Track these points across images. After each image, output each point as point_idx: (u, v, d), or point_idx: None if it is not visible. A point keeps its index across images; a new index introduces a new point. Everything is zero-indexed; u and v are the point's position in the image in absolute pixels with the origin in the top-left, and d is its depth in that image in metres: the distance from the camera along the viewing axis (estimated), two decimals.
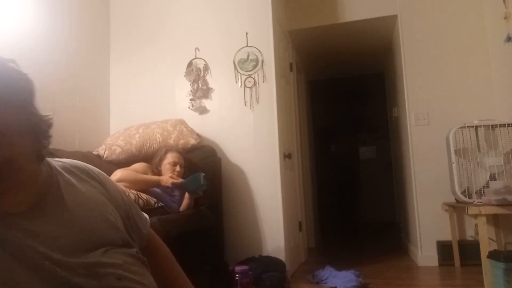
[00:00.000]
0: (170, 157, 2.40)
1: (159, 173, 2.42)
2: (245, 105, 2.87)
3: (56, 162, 0.89)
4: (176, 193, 2.31)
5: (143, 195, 2.12)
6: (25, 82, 0.83)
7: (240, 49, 2.92)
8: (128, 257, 0.84)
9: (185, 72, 3.02)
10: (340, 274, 2.62)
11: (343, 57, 4.58)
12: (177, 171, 2.37)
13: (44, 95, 2.70)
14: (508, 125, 2.67)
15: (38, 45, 2.50)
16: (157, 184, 2.25)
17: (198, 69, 3.00)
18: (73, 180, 0.88)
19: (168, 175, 2.29)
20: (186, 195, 2.31)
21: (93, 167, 0.98)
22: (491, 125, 2.67)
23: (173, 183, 2.24)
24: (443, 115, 3.19)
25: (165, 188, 2.27)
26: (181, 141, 2.68)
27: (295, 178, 3.51)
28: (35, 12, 2.50)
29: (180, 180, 2.27)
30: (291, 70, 3.61)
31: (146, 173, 2.36)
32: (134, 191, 2.10)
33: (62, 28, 2.72)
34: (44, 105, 2.34)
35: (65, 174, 0.87)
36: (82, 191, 0.87)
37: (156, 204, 2.17)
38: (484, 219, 2.27)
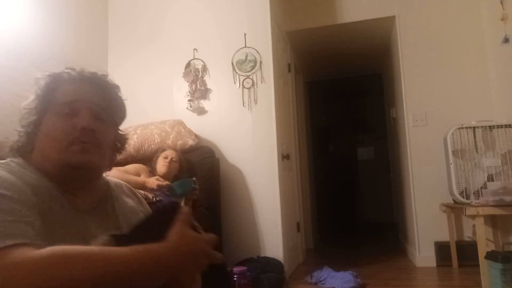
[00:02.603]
0: (163, 153, 2.48)
1: (154, 172, 2.44)
2: (244, 106, 2.87)
3: (106, 177, 1.05)
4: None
5: (141, 191, 2.14)
6: (125, 108, 1.00)
7: (238, 50, 2.92)
8: None
9: (183, 73, 3.01)
10: (338, 274, 2.62)
11: (341, 58, 4.58)
12: (167, 162, 2.41)
13: None
14: (506, 126, 2.68)
15: (36, 45, 2.49)
16: (142, 186, 2.24)
17: (197, 70, 3.00)
18: (120, 193, 1.03)
19: (155, 177, 2.30)
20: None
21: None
22: (489, 126, 2.68)
23: (158, 185, 2.23)
24: (441, 116, 3.19)
25: (161, 188, 2.27)
26: (179, 142, 2.68)
27: (293, 179, 3.51)
28: (32, 12, 2.49)
29: (166, 183, 2.27)
30: (289, 71, 3.61)
31: (138, 174, 2.38)
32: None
33: (59, 28, 2.71)
34: None
35: (115, 187, 1.03)
36: (128, 204, 1.02)
37: (154, 198, 2.18)
38: (481, 219, 2.27)
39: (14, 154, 0.89)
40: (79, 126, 0.86)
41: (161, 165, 2.42)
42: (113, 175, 2.21)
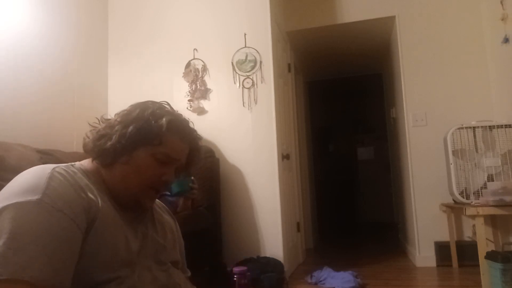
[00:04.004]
0: None
1: None
2: (244, 105, 2.87)
3: None
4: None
5: None
6: (199, 163, 1.09)
7: (238, 50, 2.92)
8: (185, 279, 1.06)
9: (183, 73, 3.01)
10: (338, 274, 2.62)
11: (341, 58, 4.58)
12: None
13: (41, 96, 2.69)
14: (506, 126, 2.68)
15: (36, 45, 2.49)
16: None
17: (197, 70, 3.00)
18: (161, 211, 1.10)
19: None
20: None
21: None
22: (489, 126, 2.68)
23: None
24: (441, 116, 3.19)
25: None
26: None
27: (293, 179, 3.51)
28: (32, 12, 2.49)
29: None
30: (289, 71, 3.61)
31: None
32: None
33: (59, 29, 2.71)
34: (41, 105, 2.39)
35: (157, 205, 1.10)
36: (166, 221, 1.08)
37: None
38: (481, 219, 2.27)
39: (91, 157, 0.94)
40: (163, 178, 0.94)
41: None
42: None
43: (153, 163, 0.92)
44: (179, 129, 0.97)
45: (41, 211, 0.74)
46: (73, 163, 0.92)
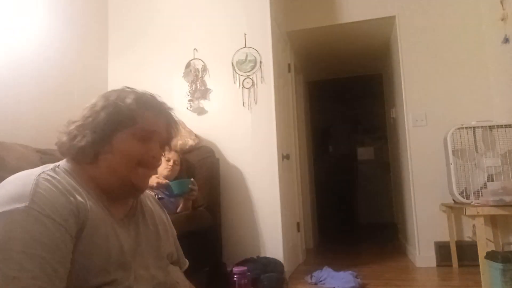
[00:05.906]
0: (166, 156, 2.44)
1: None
2: (243, 106, 2.87)
3: None
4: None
5: None
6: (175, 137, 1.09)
7: (238, 50, 2.92)
8: (184, 277, 1.06)
9: (183, 73, 3.01)
10: (338, 275, 2.62)
11: (341, 58, 4.58)
12: (170, 165, 2.40)
13: (41, 96, 2.68)
14: (506, 126, 2.68)
15: (36, 45, 2.49)
16: None
17: (196, 70, 3.00)
18: (149, 203, 1.09)
19: (155, 176, 2.29)
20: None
21: None
22: (489, 126, 2.68)
23: (158, 183, 2.23)
24: (441, 116, 3.19)
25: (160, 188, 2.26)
26: (179, 142, 2.68)
27: (293, 179, 3.51)
28: (32, 12, 2.49)
29: (165, 181, 2.26)
30: (289, 71, 3.61)
31: None
32: None
33: (59, 29, 2.71)
34: (41, 105, 2.40)
35: (145, 197, 1.09)
36: (156, 213, 1.08)
37: (156, 196, 2.18)
38: (481, 220, 2.28)
39: (69, 158, 0.93)
40: (150, 154, 0.94)
41: (163, 168, 2.40)
42: None
43: (135, 143, 0.92)
44: (148, 103, 0.97)
45: (29, 218, 0.73)
46: (57, 165, 0.91)
